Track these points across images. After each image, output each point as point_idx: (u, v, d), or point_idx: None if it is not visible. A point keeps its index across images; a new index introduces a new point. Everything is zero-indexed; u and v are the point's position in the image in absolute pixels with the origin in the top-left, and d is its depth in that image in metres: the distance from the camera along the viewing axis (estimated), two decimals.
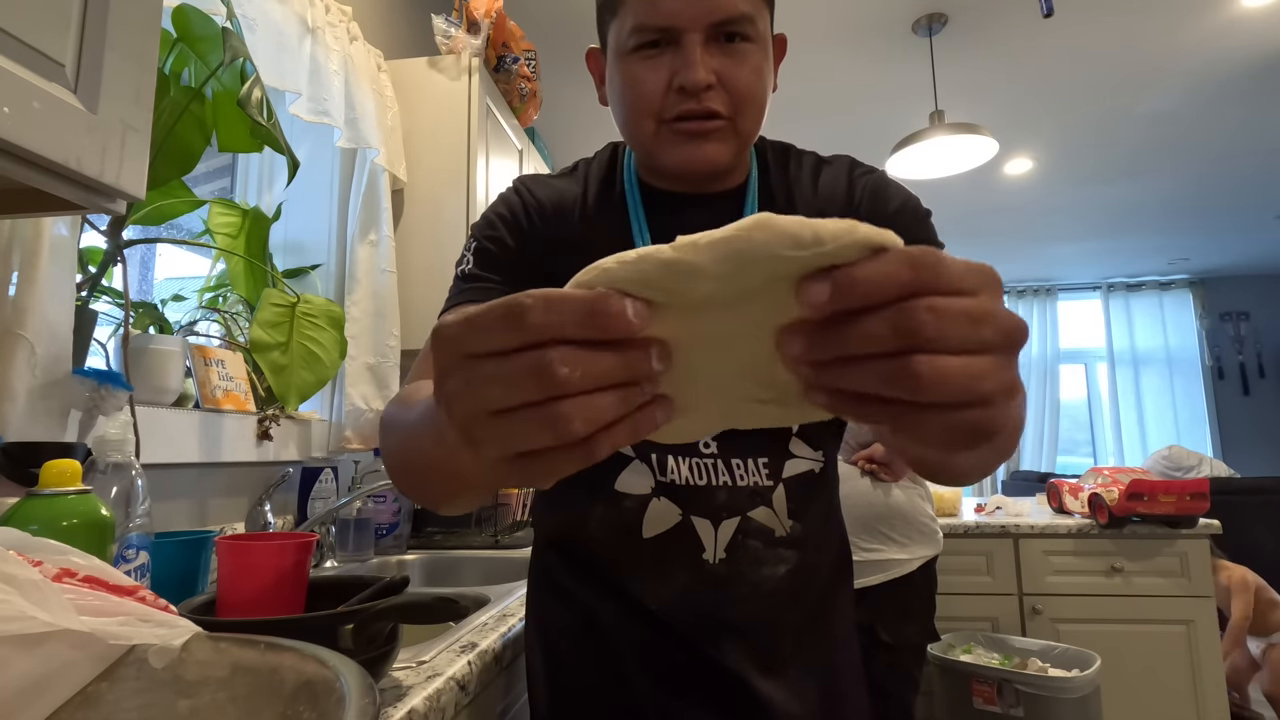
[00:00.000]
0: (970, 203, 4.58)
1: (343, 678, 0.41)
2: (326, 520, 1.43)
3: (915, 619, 1.75)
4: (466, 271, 0.74)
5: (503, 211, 0.77)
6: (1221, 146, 3.85)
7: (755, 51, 0.68)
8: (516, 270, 0.74)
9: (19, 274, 0.86)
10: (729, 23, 0.66)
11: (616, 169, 0.80)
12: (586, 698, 0.77)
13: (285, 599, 0.72)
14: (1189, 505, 2.26)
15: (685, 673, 0.74)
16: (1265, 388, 6.12)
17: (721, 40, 0.67)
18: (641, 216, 0.75)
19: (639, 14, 0.67)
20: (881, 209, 0.74)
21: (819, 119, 3.45)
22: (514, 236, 0.75)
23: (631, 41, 0.68)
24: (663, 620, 0.74)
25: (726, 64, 0.67)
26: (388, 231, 1.72)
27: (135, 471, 0.81)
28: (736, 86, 0.67)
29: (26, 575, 0.41)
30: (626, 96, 0.70)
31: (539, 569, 0.85)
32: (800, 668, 0.75)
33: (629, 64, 0.69)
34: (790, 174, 0.78)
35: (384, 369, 1.67)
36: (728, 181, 0.76)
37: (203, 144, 1.17)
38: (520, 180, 0.80)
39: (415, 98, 1.90)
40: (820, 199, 0.76)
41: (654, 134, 0.70)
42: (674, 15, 0.66)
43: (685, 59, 0.66)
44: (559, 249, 0.74)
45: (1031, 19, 2.62)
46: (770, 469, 0.74)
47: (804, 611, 0.77)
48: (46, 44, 0.55)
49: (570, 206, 0.77)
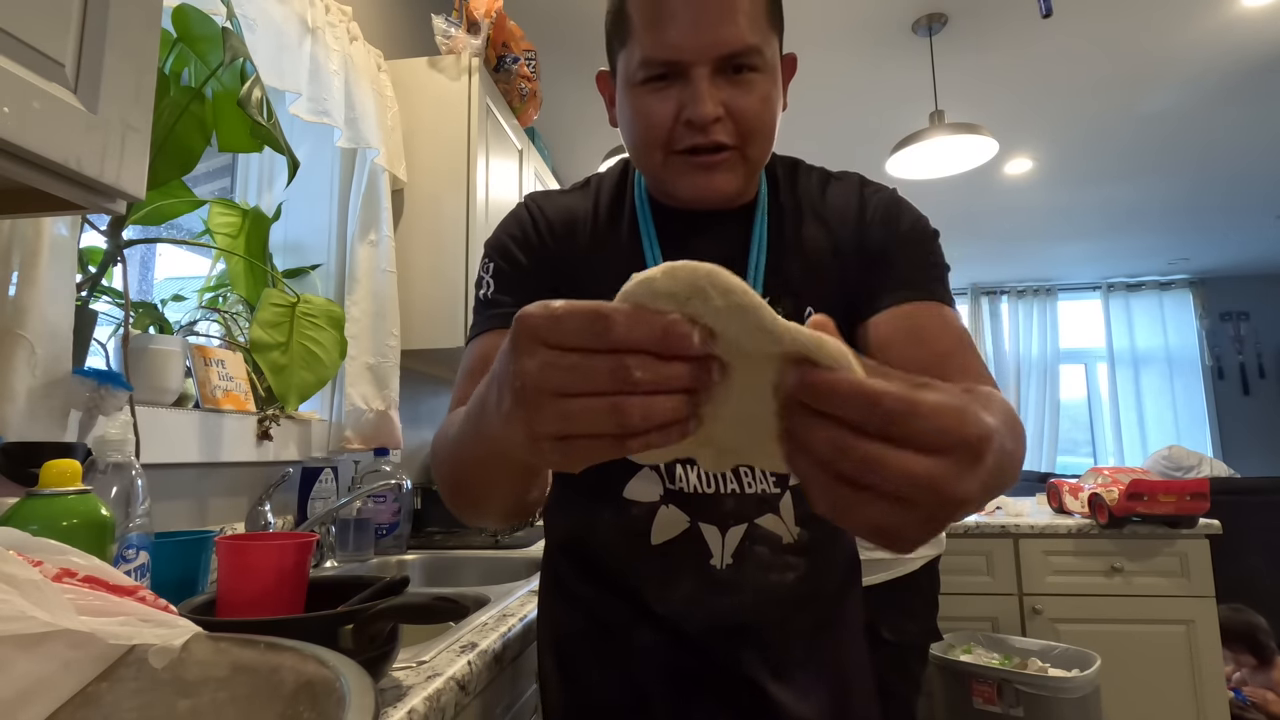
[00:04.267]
0: (970, 203, 4.58)
1: (343, 678, 0.41)
2: (326, 520, 1.43)
3: (918, 618, 1.74)
4: (489, 297, 0.75)
5: (515, 232, 0.78)
6: (1222, 146, 3.84)
7: (763, 81, 0.68)
8: (532, 287, 0.74)
9: (19, 274, 0.86)
10: (736, 55, 0.66)
11: (627, 186, 0.80)
12: (599, 700, 0.77)
13: (285, 599, 0.72)
14: (1189, 505, 2.26)
15: (696, 676, 0.74)
16: (1265, 388, 6.12)
17: (729, 72, 0.67)
18: (653, 233, 0.76)
19: (646, 47, 0.67)
20: (893, 226, 0.75)
21: (819, 119, 3.45)
22: (527, 255, 0.76)
23: (640, 74, 0.69)
24: (671, 624, 0.75)
25: (734, 95, 0.67)
26: (388, 231, 1.72)
27: (135, 471, 0.81)
28: (745, 117, 0.67)
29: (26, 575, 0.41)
30: (636, 127, 0.71)
31: (549, 573, 0.86)
32: (810, 672, 0.76)
33: (637, 95, 0.69)
34: (799, 191, 0.79)
35: (384, 369, 1.67)
36: (738, 200, 0.76)
37: (203, 144, 1.17)
38: (531, 198, 0.81)
39: (415, 98, 1.90)
40: (830, 215, 0.76)
41: (663, 164, 0.70)
42: (681, 50, 0.66)
43: (693, 93, 0.66)
44: (572, 265, 0.75)
45: (1031, 19, 2.62)
46: (778, 476, 0.75)
47: (813, 617, 0.77)
48: (46, 44, 0.55)
49: (581, 223, 0.78)
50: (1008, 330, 6.60)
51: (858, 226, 0.75)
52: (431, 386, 2.28)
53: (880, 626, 1.65)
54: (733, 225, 0.75)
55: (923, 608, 1.78)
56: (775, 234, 0.75)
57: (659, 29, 0.66)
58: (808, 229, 0.76)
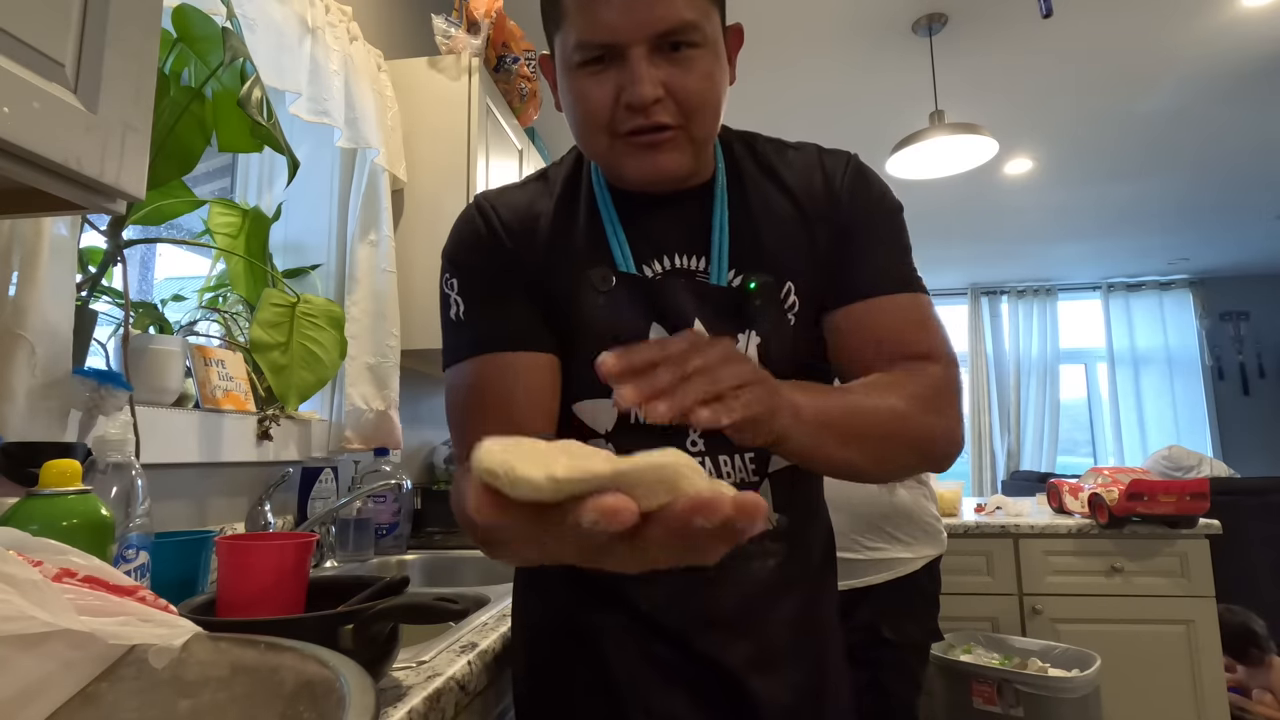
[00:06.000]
0: (970, 203, 4.58)
1: (343, 678, 0.41)
2: (326, 520, 1.43)
3: (919, 618, 1.74)
4: (461, 318, 0.73)
5: (470, 240, 0.76)
6: (1222, 146, 3.84)
7: (704, 56, 0.67)
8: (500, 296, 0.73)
9: (19, 274, 0.86)
10: (672, 33, 0.65)
11: (583, 173, 0.79)
12: (570, 696, 0.77)
13: (285, 599, 0.72)
14: (1189, 505, 2.26)
15: (672, 668, 0.74)
16: (1265, 388, 6.12)
17: (667, 49, 0.65)
18: (615, 218, 0.75)
19: (580, 29, 0.66)
20: (860, 199, 0.75)
21: (819, 119, 3.45)
22: (487, 261, 0.74)
23: (576, 57, 0.67)
24: (650, 617, 0.74)
25: (674, 73, 0.65)
26: (388, 231, 1.72)
27: (135, 471, 0.81)
28: (686, 95, 0.66)
29: (26, 575, 0.41)
30: (577, 112, 0.69)
31: (522, 570, 0.85)
32: (789, 659, 0.75)
33: (575, 79, 0.68)
34: (758, 162, 0.78)
35: (384, 369, 1.67)
36: (695, 179, 0.75)
37: (203, 144, 1.17)
38: (483, 198, 0.79)
39: (415, 98, 1.90)
40: (794, 184, 0.76)
41: (609, 148, 0.69)
42: (615, 30, 0.64)
43: (631, 74, 0.64)
44: (535, 260, 0.74)
45: (1031, 19, 2.62)
46: (756, 464, 0.75)
47: (793, 603, 0.77)
48: (46, 44, 0.55)
49: (539, 216, 0.76)
50: (1008, 330, 6.60)
51: (825, 193, 0.75)
52: (431, 386, 2.28)
53: (881, 626, 1.65)
54: (693, 204, 0.75)
55: (924, 608, 1.77)
56: (738, 209, 0.75)
57: (591, 9, 0.65)
58: (772, 200, 0.75)
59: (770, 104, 3.23)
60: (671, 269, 0.73)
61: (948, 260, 5.90)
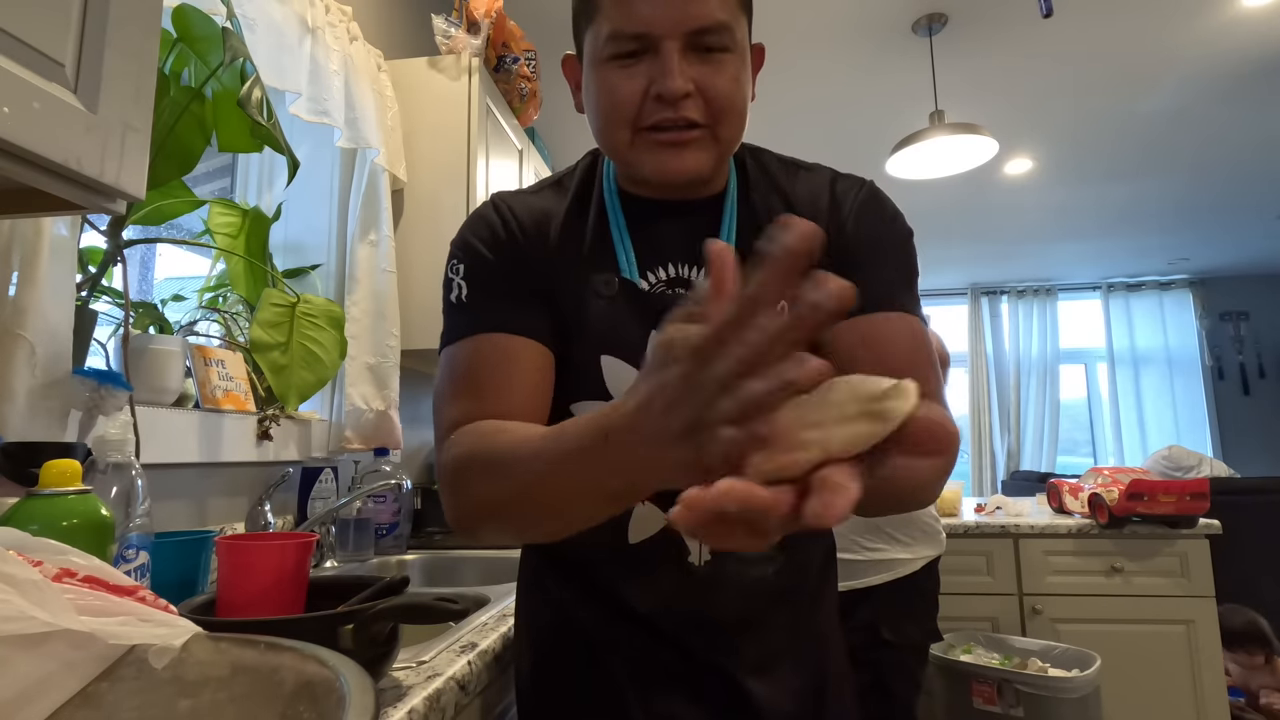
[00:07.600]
0: (970, 203, 4.58)
1: (343, 678, 0.41)
2: (326, 520, 1.43)
3: (918, 618, 1.74)
4: (463, 300, 0.73)
5: (483, 233, 0.76)
6: (1221, 146, 3.84)
7: (733, 60, 0.67)
8: (505, 288, 0.73)
9: (19, 274, 0.86)
10: (707, 31, 0.65)
11: (596, 178, 0.79)
12: (572, 699, 0.77)
13: (285, 599, 0.72)
14: (1189, 505, 2.26)
15: (673, 673, 0.74)
16: (1265, 388, 6.12)
17: (699, 49, 0.66)
18: (622, 224, 0.75)
19: (615, 21, 0.66)
20: (875, 215, 0.74)
21: (819, 119, 3.45)
22: (497, 254, 0.74)
23: (608, 49, 0.67)
24: (650, 622, 0.74)
25: (705, 73, 0.66)
26: (388, 231, 1.72)
27: (135, 471, 0.81)
28: (715, 95, 0.66)
29: (26, 575, 0.41)
30: (602, 104, 0.69)
31: (527, 571, 0.85)
32: (789, 665, 0.75)
33: (605, 72, 0.68)
34: (769, 180, 0.78)
35: (384, 369, 1.67)
36: (707, 189, 0.75)
37: (203, 144, 1.17)
38: (499, 197, 0.79)
39: (415, 98, 1.90)
40: (803, 207, 0.75)
41: (630, 143, 0.69)
42: (651, 22, 0.65)
43: (663, 67, 0.65)
44: (543, 262, 0.74)
45: (1031, 19, 2.62)
46: None
47: (792, 610, 0.77)
48: (46, 44, 0.55)
49: (551, 220, 0.76)
50: (1008, 330, 6.60)
51: (832, 221, 0.74)
52: (431, 386, 2.28)
53: (881, 627, 1.65)
54: (702, 215, 0.74)
55: (924, 608, 1.78)
56: (747, 224, 0.74)
57: (628, 2, 0.65)
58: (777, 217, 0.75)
59: (770, 104, 3.23)
60: (675, 278, 0.73)
61: (948, 260, 5.90)
